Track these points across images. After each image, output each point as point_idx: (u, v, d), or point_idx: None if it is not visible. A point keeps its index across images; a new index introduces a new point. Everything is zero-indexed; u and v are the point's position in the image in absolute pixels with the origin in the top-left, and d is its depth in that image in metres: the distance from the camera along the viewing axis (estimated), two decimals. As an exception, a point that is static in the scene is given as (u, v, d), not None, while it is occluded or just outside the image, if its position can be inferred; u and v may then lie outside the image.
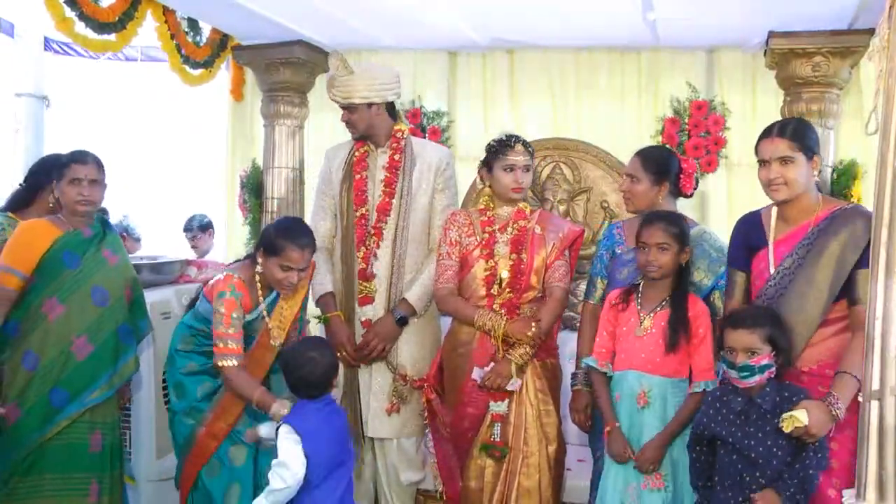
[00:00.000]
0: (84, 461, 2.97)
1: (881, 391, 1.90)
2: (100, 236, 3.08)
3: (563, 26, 3.97)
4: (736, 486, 2.38)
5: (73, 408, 2.94)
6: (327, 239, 3.36)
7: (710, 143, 4.30)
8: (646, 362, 2.69)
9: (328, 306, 3.28)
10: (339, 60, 3.20)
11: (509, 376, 2.91)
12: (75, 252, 2.98)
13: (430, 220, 3.28)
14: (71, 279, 2.95)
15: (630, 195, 3.00)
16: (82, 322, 2.96)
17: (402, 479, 3.30)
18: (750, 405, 2.39)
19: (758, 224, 2.64)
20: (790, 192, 2.50)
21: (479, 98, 4.61)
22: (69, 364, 2.93)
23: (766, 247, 2.57)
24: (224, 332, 2.83)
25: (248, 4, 3.61)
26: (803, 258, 2.47)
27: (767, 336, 2.35)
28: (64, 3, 3.34)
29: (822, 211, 2.51)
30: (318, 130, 4.63)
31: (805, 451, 2.30)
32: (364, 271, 3.23)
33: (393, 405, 3.23)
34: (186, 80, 4.21)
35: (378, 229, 3.23)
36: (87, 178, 2.95)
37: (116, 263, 3.09)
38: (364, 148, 3.30)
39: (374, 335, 3.18)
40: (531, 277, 3.02)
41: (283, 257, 2.85)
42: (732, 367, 2.37)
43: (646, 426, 2.67)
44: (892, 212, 1.90)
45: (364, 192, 3.26)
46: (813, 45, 3.57)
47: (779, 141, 2.49)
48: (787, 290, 2.48)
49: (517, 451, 2.95)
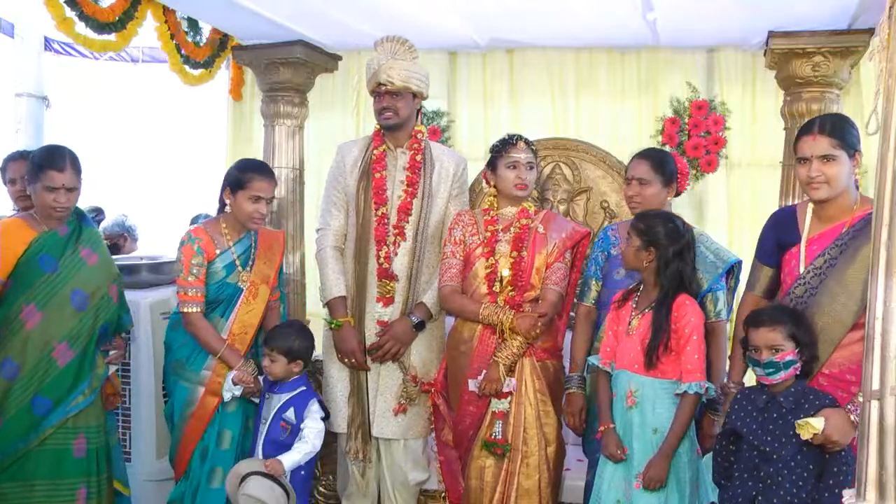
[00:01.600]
0: (69, 467, 2.91)
1: (881, 391, 1.90)
2: (76, 233, 2.98)
3: (563, 26, 3.96)
4: (752, 480, 2.39)
5: (58, 415, 2.88)
6: (339, 236, 3.29)
7: (710, 143, 4.30)
8: (633, 362, 2.71)
9: (339, 310, 3.22)
10: (400, 42, 3.18)
11: (500, 379, 2.91)
12: (51, 255, 2.89)
13: (444, 223, 3.27)
14: (48, 284, 2.87)
15: (640, 199, 2.97)
16: (62, 328, 2.88)
17: (409, 479, 3.30)
18: (772, 402, 2.39)
19: (792, 220, 2.58)
20: (830, 191, 2.43)
21: (479, 98, 4.61)
22: (50, 371, 2.86)
23: (798, 244, 2.51)
24: (184, 281, 3.01)
25: (248, 4, 3.61)
26: (836, 259, 2.42)
27: (789, 333, 2.35)
28: (64, 3, 3.34)
29: (860, 211, 2.44)
30: (318, 130, 4.63)
31: (828, 469, 2.28)
32: (387, 271, 3.19)
33: (401, 406, 3.22)
34: (186, 80, 4.21)
35: (400, 229, 3.20)
36: (63, 187, 2.85)
37: (96, 262, 3.00)
38: (382, 146, 3.26)
39: (391, 338, 3.16)
40: (532, 276, 3.03)
41: (250, 188, 3.02)
42: (758, 364, 2.38)
43: (634, 426, 2.68)
44: (892, 212, 1.90)
45: (384, 190, 3.22)
46: (813, 45, 3.56)
47: (821, 138, 2.42)
48: (817, 290, 2.43)
49: (516, 450, 2.96)
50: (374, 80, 3.19)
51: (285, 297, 3.39)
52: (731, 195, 4.38)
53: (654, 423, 2.67)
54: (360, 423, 3.22)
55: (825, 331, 2.40)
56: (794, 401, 2.35)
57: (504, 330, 2.93)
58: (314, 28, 4.04)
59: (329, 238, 3.27)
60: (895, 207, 1.90)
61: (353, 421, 3.23)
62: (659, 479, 2.61)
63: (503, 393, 2.94)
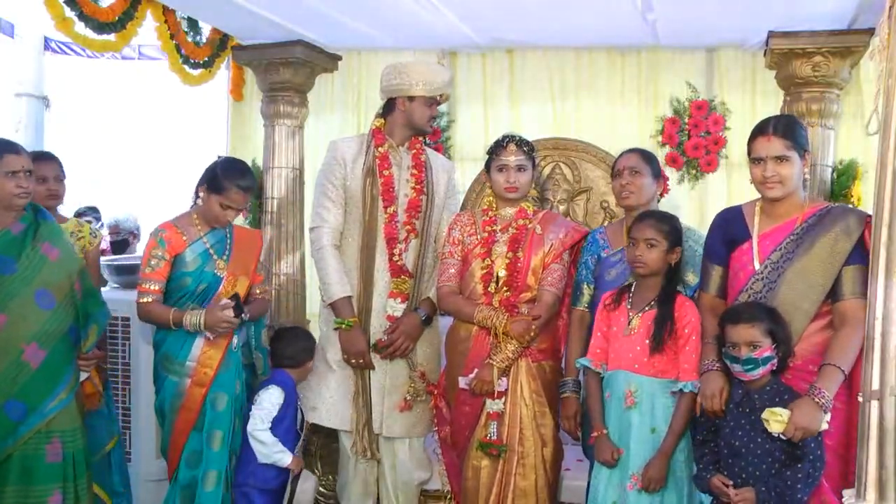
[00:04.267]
0: (40, 473, 2.76)
1: (881, 391, 1.90)
2: (33, 228, 2.82)
3: (563, 26, 3.96)
4: (728, 475, 2.42)
5: (35, 419, 2.75)
6: (336, 234, 3.26)
7: (710, 143, 4.29)
8: (632, 362, 2.71)
9: (346, 311, 3.20)
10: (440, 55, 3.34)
11: (492, 380, 2.92)
12: (8, 255, 2.74)
13: (440, 222, 3.33)
14: (9, 285, 2.72)
15: (633, 188, 2.98)
16: (29, 329, 2.74)
17: (414, 478, 3.30)
18: (746, 398, 2.42)
19: (739, 218, 2.66)
20: (784, 190, 2.52)
21: (479, 98, 4.61)
22: (23, 374, 2.73)
23: (749, 240, 2.57)
24: (143, 273, 3.03)
25: (248, 4, 3.61)
26: (792, 252, 2.48)
27: (767, 329, 2.38)
28: (64, 3, 3.34)
29: (810, 208, 2.54)
30: (318, 130, 4.63)
31: (798, 462, 2.31)
32: (401, 267, 3.20)
33: (406, 402, 3.22)
34: (186, 80, 4.20)
35: (412, 225, 3.23)
36: (24, 170, 2.74)
37: (58, 257, 2.84)
38: (386, 145, 3.27)
39: (401, 333, 3.17)
40: (528, 277, 3.03)
41: (224, 196, 3.02)
42: (736, 361, 2.40)
43: (632, 426, 2.68)
44: (892, 212, 1.90)
45: (393, 188, 3.23)
46: (813, 45, 3.56)
47: (775, 139, 2.52)
48: (776, 283, 2.49)
49: (512, 451, 2.97)
50: (440, 89, 3.25)
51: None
52: (731, 195, 4.37)
53: (653, 423, 2.67)
54: (365, 421, 3.22)
55: (791, 324, 2.45)
56: (769, 398, 2.38)
57: (498, 333, 2.93)
58: (314, 28, 4.04)
59: (327, 235, 3.24)
60: (895, 207, 1.90)
61: (358, 420, 3.23)
62: (659, 478, 2.61)
63: (496, 393, 2.94)
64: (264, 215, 4.29)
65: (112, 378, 3.72)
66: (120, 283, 4.15)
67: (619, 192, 3.04)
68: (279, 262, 4.18)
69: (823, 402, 2.26)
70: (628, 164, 3.02)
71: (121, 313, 3.77)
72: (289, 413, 3.23)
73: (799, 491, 2.29)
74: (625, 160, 3.06)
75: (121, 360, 3.85)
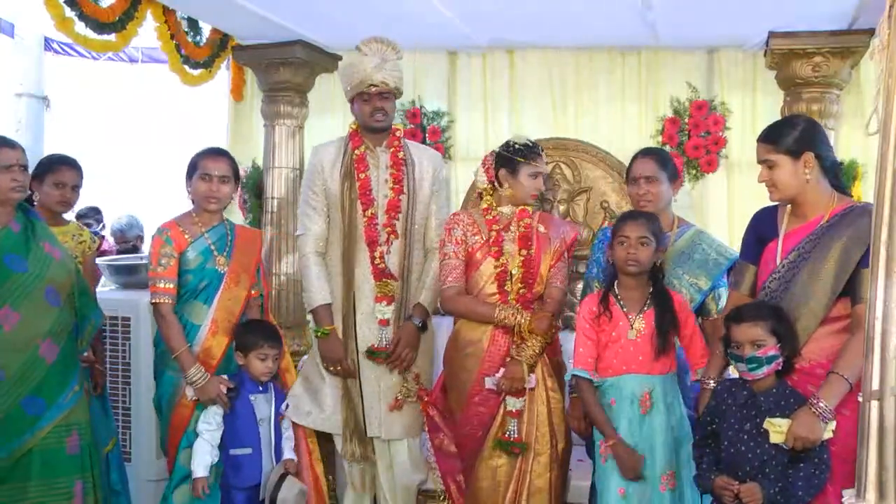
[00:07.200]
0: (62, 465, 2.83)
1: (881, 391, 1.89)
2: (29, 227, 2.84)
3: (563, 26, 3.97)
4: (731, 476, 2.40)
5: (55, 413, 2.80)
6: (320, 241, 3.23)
7: (710, 143, 4.30)
8: (644, 364, 2.70)
9: (324, 319, 3.19)
10: (387, 43, 3.15)
11: (523, 377, 2.91)
12: (17, 253, 2.76)
13: (427, 221, 3.27)
14: (21, 283, 2.74)
15: (651, 196, 2.95)
16: (42, 325, 2.78)
17: (413, 480, 3.29)
18: (752, 401, 2.40)
19: (772, 217, 2.63)
20: (780, 194, 2.51)
21: (479, 98, 4.62)
22: (40, 370, 2.77)
23: (776, 239, 2.56)
24: (153, 273, 3.04)
25: (248, 4, 3.61)
26: (809, 252, 2.46)
27: (771, 328, 2.36)
28: (64, 3, 3.34)
29: (836, 207, 2.49)
30: (318, 130, 4.62)
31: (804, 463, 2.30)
32: (384, 270, 3.15)
33: (397, 401, 3.19)
34: (186, 80, 4.21)
35: (392, 227, 3.18)
36: (18, 163, 2.75)
37: (60, 257, 2.89)
38: (363, 147, 3.22)
39: (406, 344, 3.14)
40: (539, 273, 3.04)
41: (202, 168, 3.08)
42: (740, 360, 2.39)
43: (655, 431, 2.66)
44: (892, 212, 1.90)
45: (371, 190, 3.17)
46: (813, 45, 3.57)
47: (758, 146, 2.53)
48: (790, 283, 2.47)
49: (529, 449, 2.97)
50: (365, 82, 3.12)
51: (263, 296, 3.37)
52: (731, 195, 4.38)
53: (671, 420, 2.68)
54: (353, 426, 3.21)
55: (800, 322, 2.44)
56: (775, 402, 2.36)
57: (523, 331, 2.94)
58: (314, 28, 4.04)
59: (310, 243, 3.22)
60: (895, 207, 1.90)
61: (346, 424, 3.22)
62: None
63: (522, 390, 2.94)
64: (264, 215, 4.29)
65: (112, 378, 3.72)
66: (120, 283, 4.15)
67: (637, 201, 3.01)
68: (279, 262, 4.19)
69: (822, 413, 2.26)
70: (644, 172, 2.97)
71: (121, 313, 3.77)
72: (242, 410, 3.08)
73: (800, 489, 2.28)
74: (640, 167, 3.00)
75: (121, 360, 3.85)
